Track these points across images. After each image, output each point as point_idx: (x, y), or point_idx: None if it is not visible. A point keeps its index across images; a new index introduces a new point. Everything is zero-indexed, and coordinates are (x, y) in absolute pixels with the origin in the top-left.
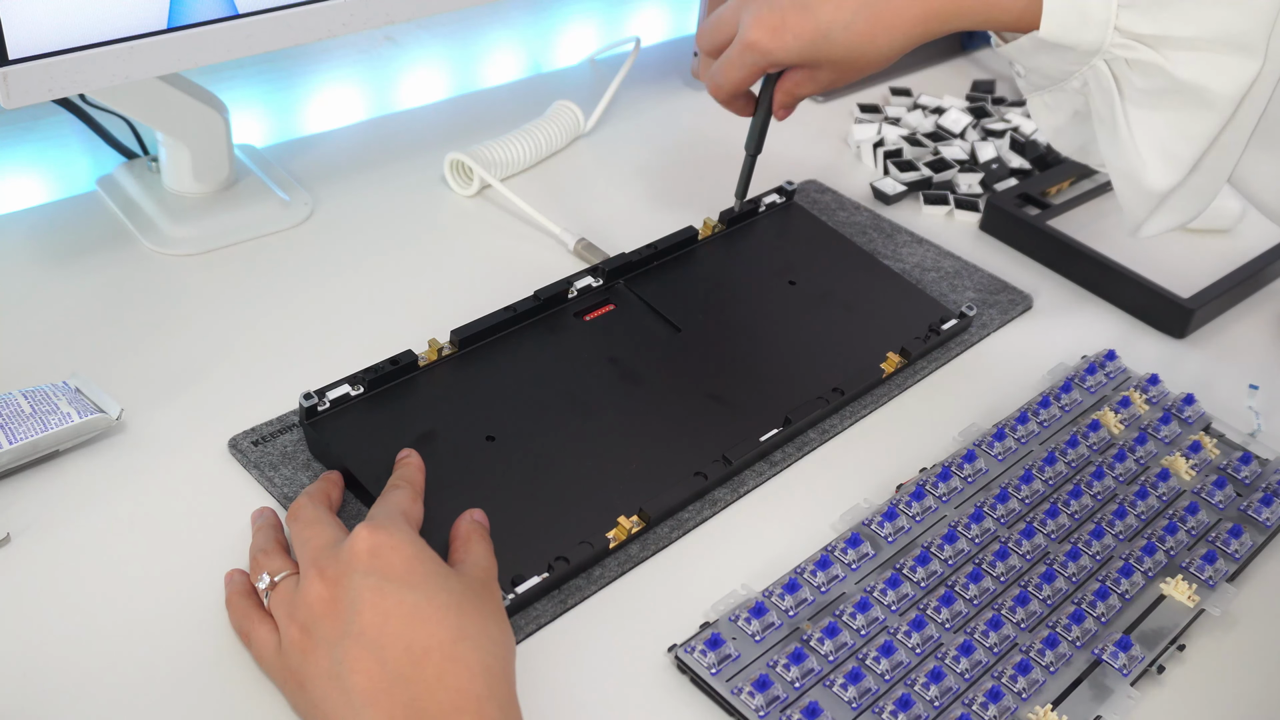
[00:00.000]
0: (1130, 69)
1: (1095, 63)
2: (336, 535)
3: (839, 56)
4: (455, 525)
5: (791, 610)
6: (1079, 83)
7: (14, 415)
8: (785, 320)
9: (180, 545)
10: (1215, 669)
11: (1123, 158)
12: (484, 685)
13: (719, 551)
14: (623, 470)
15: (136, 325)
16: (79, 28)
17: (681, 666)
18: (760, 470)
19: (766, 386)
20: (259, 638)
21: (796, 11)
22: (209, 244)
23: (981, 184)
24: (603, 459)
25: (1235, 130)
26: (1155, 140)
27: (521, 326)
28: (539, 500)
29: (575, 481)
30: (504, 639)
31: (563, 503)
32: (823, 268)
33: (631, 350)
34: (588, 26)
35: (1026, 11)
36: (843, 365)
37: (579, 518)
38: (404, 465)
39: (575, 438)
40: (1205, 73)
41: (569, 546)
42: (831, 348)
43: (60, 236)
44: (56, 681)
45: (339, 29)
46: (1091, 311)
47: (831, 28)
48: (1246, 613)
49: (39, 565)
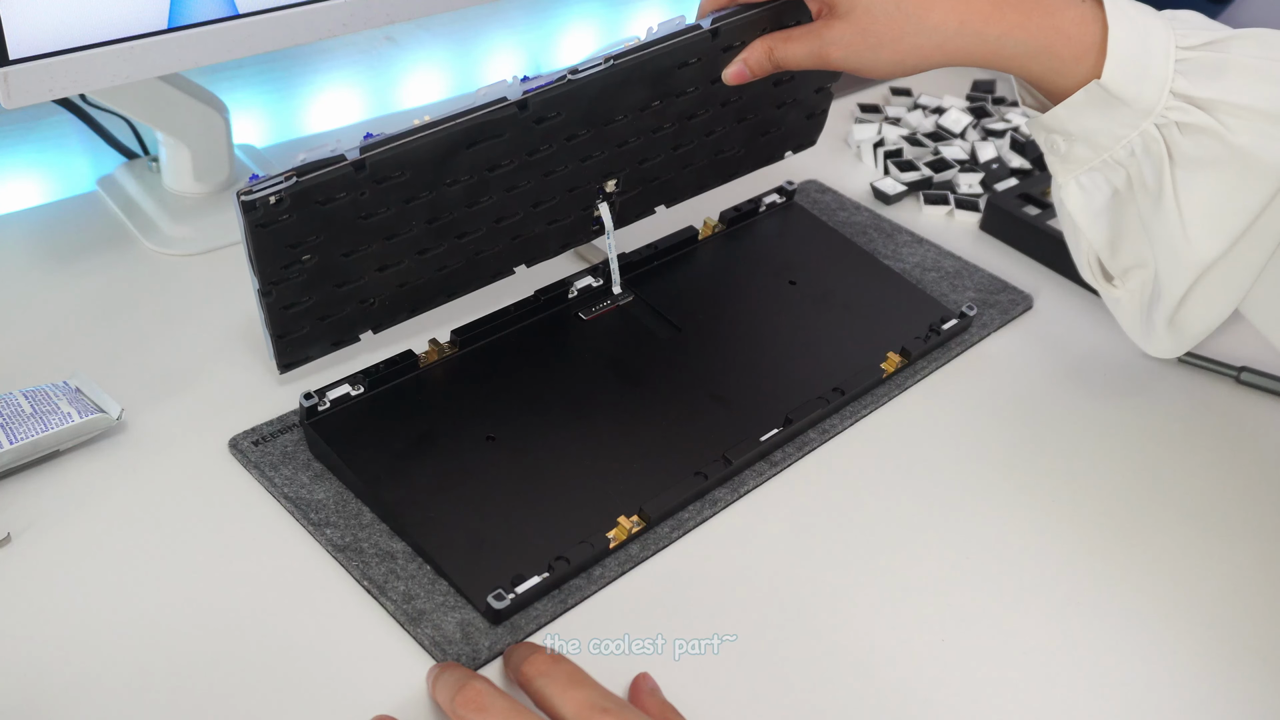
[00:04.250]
0: (1182, 134)
1: (1146, 126)
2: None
3: (867, 27)
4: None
5: None
6: (1126, 151)
7: (14, 415)
8: (785, 320)
9: (180, 545)
10: None
11: (1165, 228)
12: None
13: (719, 551)
14: (623, 470)
15: (136, 325)
16: (79, 28)
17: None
18: (760, 470)
19: (766, 386)
20: None
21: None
22: (209, 244)
23: (982, 184)
24: (603, 459)
25: (1275, 215)
26: (1202, 207)
27: (522, 326)
28: (539, 500)
29: (575, 481)
30: None
31: (563, 503)
32: (823, 268)
33: (631, 350)
34: (588, 26)
35: (1083, 51)
36: (843, 365)
37: (579, 518)
38: None
39: (575, 438)
40: (1258, 139)
41: (569, 546)
42: (831, 348)
43: (60, 236)
44: (57, 681)
45: (339, 29)
46: (1091, 311)
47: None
48: None
49: (39, 565)
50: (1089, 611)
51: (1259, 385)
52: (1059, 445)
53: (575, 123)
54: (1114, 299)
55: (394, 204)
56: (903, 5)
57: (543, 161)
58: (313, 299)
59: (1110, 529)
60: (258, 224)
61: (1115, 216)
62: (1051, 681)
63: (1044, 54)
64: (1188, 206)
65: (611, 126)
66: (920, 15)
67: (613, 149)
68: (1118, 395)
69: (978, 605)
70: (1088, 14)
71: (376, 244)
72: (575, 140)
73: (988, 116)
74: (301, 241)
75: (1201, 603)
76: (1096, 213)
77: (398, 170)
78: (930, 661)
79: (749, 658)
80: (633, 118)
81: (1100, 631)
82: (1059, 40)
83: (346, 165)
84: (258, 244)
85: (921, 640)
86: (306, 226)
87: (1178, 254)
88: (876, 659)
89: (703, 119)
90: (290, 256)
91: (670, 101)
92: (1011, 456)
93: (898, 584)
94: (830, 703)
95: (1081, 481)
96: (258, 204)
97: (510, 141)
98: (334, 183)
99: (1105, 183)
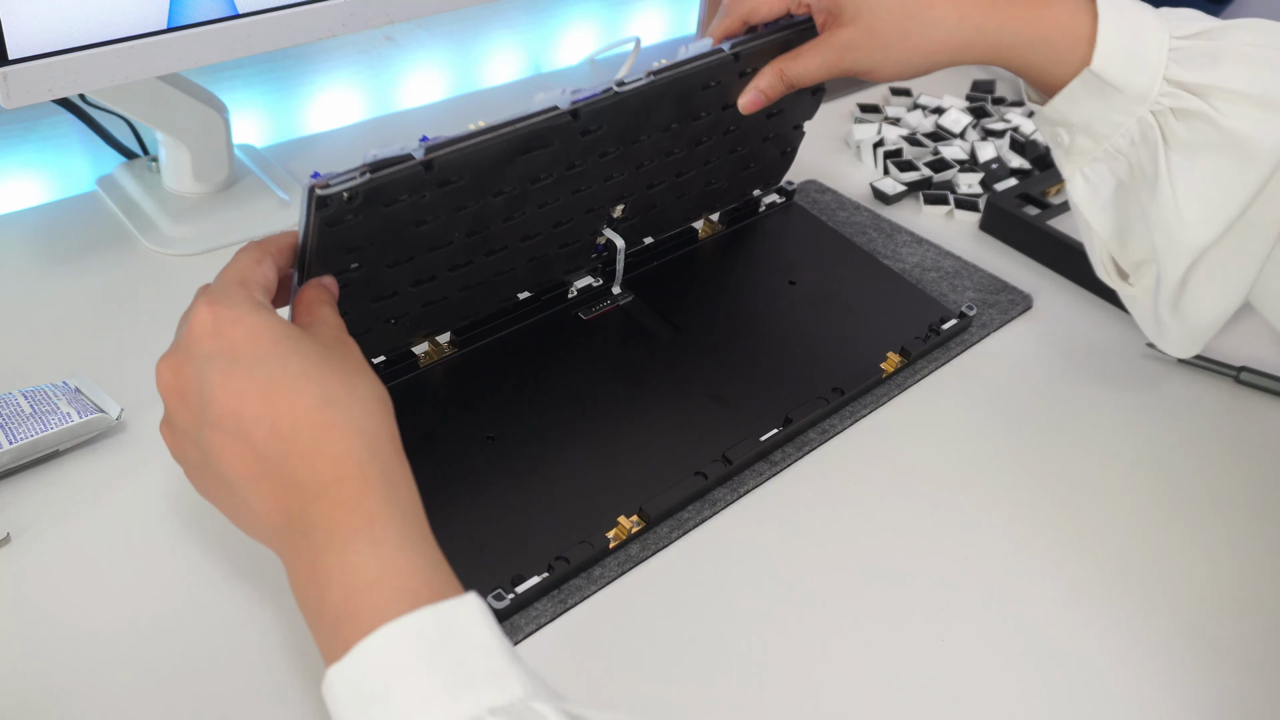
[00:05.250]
0: (1176, 119)
1: (1142, 113)
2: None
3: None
4: (298, 294)
5: None
6: (1125, 139)
7: (14, 415)
8: (785, 320)
9: (180, 545)
10: None
11: (1161, 212)
12: (362, 448)
13: (719, 551)
14: (623, 470)
15: (136, 325)
16: (79, 28)
17: None
18: (760, 470)
19: (766, 386)
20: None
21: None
22: (209, 244)
23: (981, 184)
24: (603, 459)
25: (1272, 201)
26: (1196, 190)
27: (522, 326)
28: (539, 500)
29: (575, 481)
30: (373, 395)
31: (563, 503)
32: (823, 268)
33: (631, 350)
34: (588, 26)
35: (1076, 41)
36: (843, 365)
37: (579, 518)
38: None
39: (575, 438)
40: (1251, 124)
41: (569, 546)
42: (831, 348)
43: (60, 236)
44: (56, 681)
45: (339, 29)
46: (1091, 311)
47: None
48: None
49: (39, 565)
50: (1089, 611)
51: (1259, 385)
52: (1058, 445)
53: (611, 138)
54: (1130, 297)
55: (445, 211)
56: (906, 3)
57: (575, 178)
58: (348, 313)
59: (1110, 529)
60: (326, 222)
61: (1121, 208)
62: (1051, 681)
63: (1040, 43)
64: (1182, 190)
65: (636, 146)
66: (923, 12)
67: (631, 170)
68: (1117, 395)
69: (978, 605)
70: (1081, 5)
71: (420, 255)
72: (605, 158)
73: (987, 116)
74: (357, 247)
75: (1202, 602)
76: (1103, 205)
77: (458, 174)
78: (930, 661)
79: (749, 658)
80: (654, 138)
81: (1100, 631)
82: (1055, 30)
83: (416, 164)
84: (321, 244)
85: (921, 640)
86: (366, 230)
87: (1174, 237)
88: (876, 659)
89: (706, 146)
90: (342, 263)
91: (687, 125)
92: (1011, 456)
93: (897, 584)
94: (830, 702)
95: (1081, 481)
96: (331, 199)
97: (555, 152)
98: (402, 182)
99: (1109, 173)
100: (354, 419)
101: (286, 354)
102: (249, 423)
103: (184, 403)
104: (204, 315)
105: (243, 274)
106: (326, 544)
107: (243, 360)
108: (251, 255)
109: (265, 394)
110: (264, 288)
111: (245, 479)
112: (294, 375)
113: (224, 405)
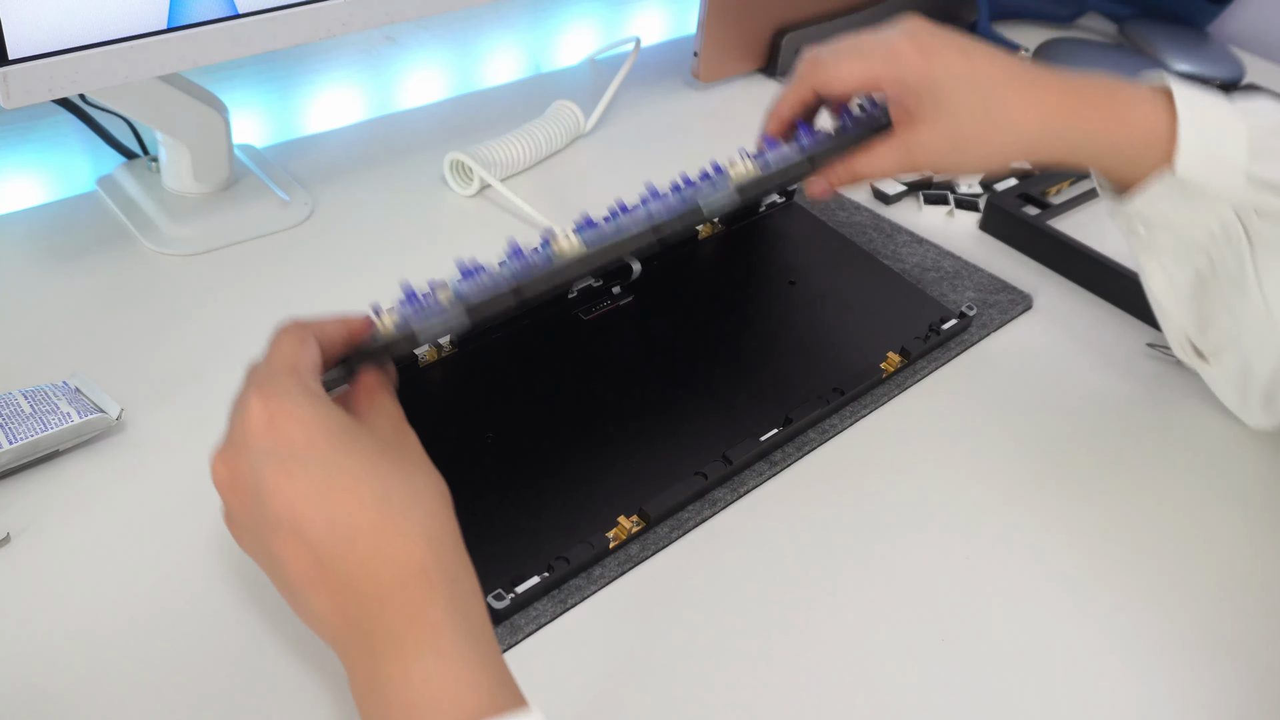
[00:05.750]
0: (1260, 219)
1: (1224, 212)
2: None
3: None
4: (358, 379)
5: None
6: (1205, 234)
7: (14, 415)
8: (785, 320)
9: (180, 545)
10: None
11: (1251, 312)
12: (425, 551)
13: (719, 551)
14: (623, 470)
15: (136, 325)
16: (79, 28)
17: None
18: (760, 470)
19: (766, 386)
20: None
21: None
22: (209, 244)
23: (981, 184)
24: (603, 459)
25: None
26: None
27: (522, 326)
28: (539, 500)
29: (575, 481)
30: (433, 491)
31: (563, 503)
32: (823, 268)
33: (631, 350)
34: (588, 26)
35: (1155, 140)
36: (843, 365)
37: (579, 518)
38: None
39: (575, 438)
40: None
41: (569, 546)
42: (831, 348)
43: (60, 236)
44: (56, 681)
45: (339, 29)
46: (1091, 311)
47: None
48: None
49: (39, 565)
50: (1089, 611)
51: None
52: (1058, 445)
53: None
54: (1210, 376)
55: None
56: (990, 109)
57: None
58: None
59: (1110, 529)
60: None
61: (1201, 298)
62: (1051, 682)
63: (1120, 144)
64: (1271, 291)
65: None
66: (1003, 115)
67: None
68: (1118, 395)
69: (978, 605)
70: (1159, 104)
71: None
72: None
73: None
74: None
75: (1203, 603)
76: (1182, 296)
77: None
78: (930, 661)
79: (749, 658)
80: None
81: (1100, 631)
82: (1133, 133)
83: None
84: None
85: (921, 640)
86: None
87: (1264, 339)
88: (876, 659)
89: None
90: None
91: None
92: (1011, 456)
93: (897, 584)
94: (830, 703)
95: (1081, 481)
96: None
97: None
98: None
99: (1189, 266)
100: (416, 520)
101: (343, 450)
102: (305, 523)
103: (240, 500)
104: (257, 408)
105: (293, 360)
106: (388, 654)
107: (298, 457)
108: (297, 336)
109: (322, 493)
110: (314, 372)
111: (304, 581)
112: (352, 476)
113: (280, 504)
